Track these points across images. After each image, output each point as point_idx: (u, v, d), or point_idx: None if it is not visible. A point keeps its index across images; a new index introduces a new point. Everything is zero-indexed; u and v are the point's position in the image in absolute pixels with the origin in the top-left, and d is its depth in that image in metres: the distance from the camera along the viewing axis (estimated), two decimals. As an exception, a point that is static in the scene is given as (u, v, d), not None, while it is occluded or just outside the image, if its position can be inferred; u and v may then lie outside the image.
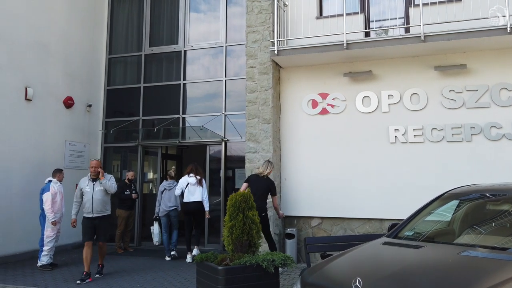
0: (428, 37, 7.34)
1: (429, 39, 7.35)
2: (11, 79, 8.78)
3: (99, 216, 7.11)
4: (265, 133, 8.37)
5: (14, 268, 7.95)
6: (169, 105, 10.86)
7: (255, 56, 8.69)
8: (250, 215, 5.58)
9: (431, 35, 7.32)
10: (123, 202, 9.70)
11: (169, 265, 8.18)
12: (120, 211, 9.71)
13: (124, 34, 11.64)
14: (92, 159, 7.60)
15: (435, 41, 7.33)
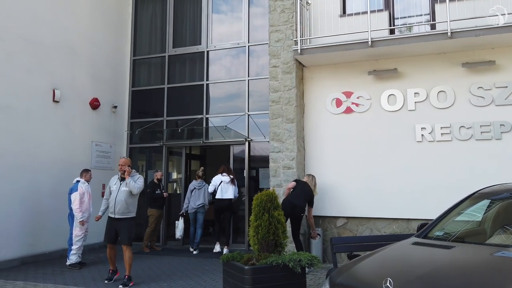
0: (455, 33, 7.20)
1: (456, 36, 7.21)
2: (39, 81, 8.98)
3: (121, 217, 6.74)
4: (289, 132, 8.35)
5: (44, 267, 8.13)
6: (193, 105, 10.94)
7: (278, 56, 8.67)
8: (276, 215, 5.58)
9: (458, 31, 7.17)
10: (155, 202, 9.90)
11: (195, 265, 8.24)
12: (153, 210, 9.89)
13: (148, 36, 11.78)
14: (121, 157, 7.63)
15: (463, 37, 7.19)
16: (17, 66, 8.51)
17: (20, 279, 7.08)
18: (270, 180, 8.34)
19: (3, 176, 8.08)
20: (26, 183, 8.53)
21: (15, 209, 8.28)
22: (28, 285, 6.71)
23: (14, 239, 8.22)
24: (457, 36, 7.19)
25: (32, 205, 8.65)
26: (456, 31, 7.17)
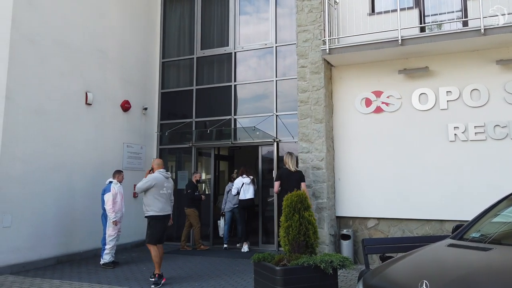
0: (489, 30, 7.02)
1: (490, 32, 7.03)
2: (72, 84, 9.22)
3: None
4: (317, 132, 8.31)
5: (78, 266, 8.34)
6: (221, 106, 11.02)
7: (306, 56, 8.65)
8: (306, 216, 5.57)
9: (492, 27, 6.99)
10: (193, 202, 10.17)
11: (225, 265, 8.30)
12: (191, 210, 10.11)
13: (176, 38, 11.94)
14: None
15: (497, 34, 7.01)
16: (51, 70, 8.76)
17: (56, 278, 7.29)
18: (300, 180, 8.31)
19: (39, 177, 8.33)
20: (60, 184, 8.78)
21: (50, 210, 8.53)
22: (64, 284, 6.89)
23: (49, 238, 8.47)
24: (491, 33, 7.02)
25: (66, 205, 8.89)
26: (489, 28, 7.00)
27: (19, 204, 7.95)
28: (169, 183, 7.19)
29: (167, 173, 7.29)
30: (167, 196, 7.04)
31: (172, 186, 7.30)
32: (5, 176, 7.73)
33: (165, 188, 7.00)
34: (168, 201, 7.06)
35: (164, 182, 7.04)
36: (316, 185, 8.13)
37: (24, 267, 7.88)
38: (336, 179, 8.51)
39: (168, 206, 7.05)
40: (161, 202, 6.91)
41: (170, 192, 7.17)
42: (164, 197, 6.95)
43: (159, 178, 7.01)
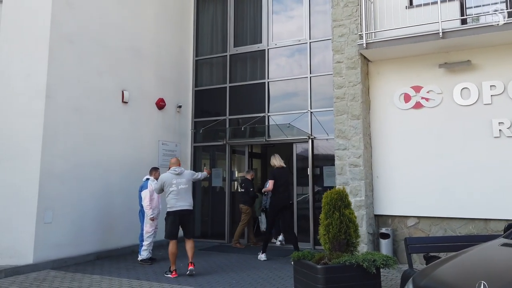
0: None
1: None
2: (109, 83, 9.36)
3: None
4: (354, 129, 8.15)
5: (117, 261, 8.47)
6: (255, 103, 10.97)
7: (342, 51, 8.49)
8: (347, 213, 5.45)
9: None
10: (252, 199, 10.36)
11: (262, 263, 8.25)
12: (247, 207, 10.16)
13: (209, 36, 11.97)
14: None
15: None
16: (89, 69, 8.91)
17: (96, 273, 7.41)
18: (336, 178, 8.18)
19: (78, 174, 8.50)
20: (98, 181, 8.93)
21: (89, 206, 8.69)
22: (104, 279, 6.99)
23: (89, 234, 8.63)
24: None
25: (104, 202, 9.04)
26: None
27: (60, 201, 8.13)
28: (181, 179, 7.29)
29: (176, 169, 7.36)
30: (178, 191, 7.19)
31: (186, 181, 7.34)
32: (46, 173, 7.91)
33: (174, 184, 7.18)
34: (182, 196, 7.20)
35: (173, 179, 7.23)
36: (354, 183, 7.98)
37: (65, 262, 8.05)
38: (374, 177, 8.33)
39: (182, 201, 7.18)
40: (172, 198, 7.17)
41: (184, 187, 7.25)
42: (174, 193, 7.17)
43: (166, 176, 7.32)
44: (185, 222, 7.27)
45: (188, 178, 7.41)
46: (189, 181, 7.42)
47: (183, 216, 7.22)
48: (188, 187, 7.35)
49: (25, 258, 7.59)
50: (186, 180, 7.35)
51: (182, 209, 7.17)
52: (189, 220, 7.35)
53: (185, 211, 7.21)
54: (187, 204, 7.25)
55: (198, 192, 11.47)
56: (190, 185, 7.43)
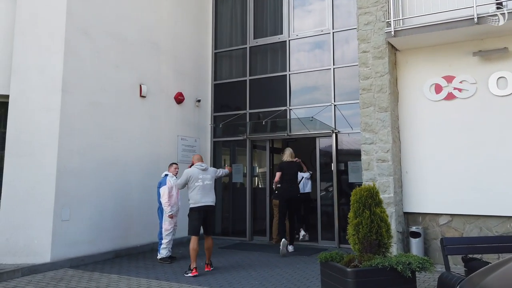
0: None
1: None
2: (126, 77, 9.11)
3: None
4: (382, 122, 7.72)
5: (136, 260, 8.24)
6: (276, 97, 10.62)
7: (368, 40, 8.05)
8: (378, 212, 5.07)
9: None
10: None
11: (285, 262, 7.92)
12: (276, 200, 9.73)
13: (228, 28, 11.64)
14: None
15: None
16: (106, 63, 8.68)
17: (114, 272, 7.19)
18: (363, 174, 7.77)
19: (95, 170, 8.29)
20: (116, 177, 8.70)
21: (107, 203, 8.48)
22: (122, 279, 6.77)
23: (107, 232, 8.43)
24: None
25: (122, 199, 8.81)
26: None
27: (77, 198, 7.93)
28: (207, 175, 7.24)
29: (202, 165, 7.33)
30: (204, 187, 7.12)
31: (211, 177, 7.31)
32: (63, 169, 7.71)
33: (200, 179, 7.12)
34: (206, 192, 7.14)
35: (199, 174, 7.16)
36: (382, 179, 7.56)
37: (82, 261, 7.86)
38: (403, 172, 7.90)
39: (206, 197, 7.13)
40: (197, 194, 7.08)
41: (209, 182, 7.22)
42: (200, 188, 7.09)
43: (192, 171, 7.23)
44: (208, 219, 7.20)
45: (212, 175, 7.37)
46: (213, 178, 7.37)
47: (207, 212, 7.14)
48: (212, 183, 7.30)
49: (42, 256, 7.42)
50: (211, 177, 7.31)
51: (206, 205, 7.10)
52: (211, 216, 7.31)
53: (209, 207, 7.15)
54: (211, 200, 7.19)
55: (219, 189, 11.17)
56: (213, 182, 7.36)
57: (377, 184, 7.56)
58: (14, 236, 7.41)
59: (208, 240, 7.19)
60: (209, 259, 7.29)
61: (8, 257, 7.35)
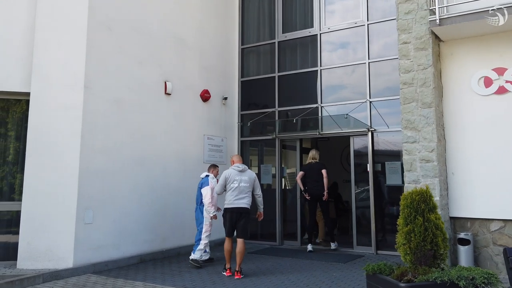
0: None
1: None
2: (150, 73, 8.72)
3: None
4: (426, 119, 7.10)
5: (162, 265, 7.81)
6: (306, 94, 10.08)
7: (409, 30, 7.44)
8: (433, 219, 4.51)
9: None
10: None
11: (319, 269, 7.38)
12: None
13: (255, 22, 11.15)
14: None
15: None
16: (129, 58, 8.30)
17: (139, 279, 6.77)
18: (405, 175, 7.17)
19: (119, 171, 7.90)
20: (140, 177, 8.30)
21: (131, 204, 8.09)
22: (147, 287, 6.34)
23: (131, 235, 8.04)
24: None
25: (147, 201, 8.41)
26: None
27: (100, 199, 7.56)
28: (244, 176, 7.04)
29: (240, 166, 7.15)
30: (239, 188, 6.94)
31: (248, 180, 7.06)
32: (86, 170, 7.35)
33: (236, 181, 6.96)
34: (241, 194, 6.94)
35: (236, 176, 7.01)
36: (426, 180, 6.95)
37: (106, 266, 7.49)
38: (448, 173, 7.26)
39: (240, 199, 6.92)
40: (231, 195, 6.95)
41: (245, 185, 6.98)
42: (235, 189, 6.94)
43: (229, 172, 7.10)
44: (240, 221, 6.93)
45: (250, 177, 7.10)
46: (251, 181, 7.08)
47: (240, 214, 6.92)
48: (249, 186, 7.03)
49: (64, 261, 7.06)
50: (248, 179, 7.06)
51: (239, 207, 6.91)
52: (244, 219, 6.96)
53: (242, 209, 6.93)
54: (245, 202, 6.95)
55: (246, 190, 10.70)
56: (251, 185, 7.07)
57: (420, 186, 6.94)
58: (35, 240, 7.07)
59: (239, 243, 6.84)
60: (240, 265, 6.88)
61: (29, 261, 7.02)
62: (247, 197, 6.98)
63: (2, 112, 7.70)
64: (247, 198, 6.97)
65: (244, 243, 6.88)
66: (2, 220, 7.56)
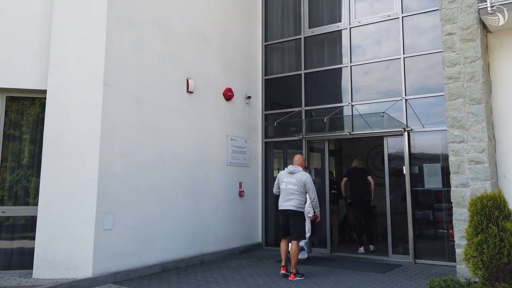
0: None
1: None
2: (172, 70, 8.22)
3: None
4: (474, 116, 6.50)
5: (185, 274, 7.26)
6: (335, 92, 9.53)
7: (454, 20, 6.86)
8: (509, 227, 3.89)
9: None
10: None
11: (357, 279, 6.78)
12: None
13: (280, 17, 10.62)
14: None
15: None
16: (150, 55, 7.81)
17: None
18: (452, 178, 6.56)
19: (140, 173, 7.40)
20: (162, 181, 7.78)
21: (153, 209, 7.58)
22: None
23: (153, 242, 7.52)
24: None
25: (168, 205, 7.89)
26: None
27: (120, 204, 7.06)
28: (291, 178, 7.00)
29: (289, 168, 7.17)
30: (285, 190, 6.98)
31: (296, 182, 6.95)
32: (105, 172, 6.85)
33: (284, 183, 7.01)
34: (288, 196, 6.94)
35: (284, 177, 7.07)
36: (476, 184, 6.33)
37: (127, 275, 6.97)
38: (500, 176, 6.64)
39: (286, 201, 6.95)
40: (280, 197, 7.09)
41: (293, 187, 6.93)
42: (283, 191, 7.04)
43: (280, 174, 7.26)
44: (290, 223, 6.95)
45: (298, 180, 6.94)
46: (299, 183, 6.93)
47: (286, 216, 6.96)
48: (297, 188, 6.91)
49: (83, 270, 6.56)
50: (296, 181, 6.95)
51: (285, 209, 6.96)
52: (293, 220, 6.92)
53: (289, 211, 6.91)
54: (291, 204, 6.89)
55: (271, 194, 10.12)
56: (300, 187, 6.92)
57: (469, 190, 6.35)
58: (52, 247, 6.58)
59: (292, 245, 6.89)
60: (294, 267, 6.81)
61: (46, 270, 6.53)
62: (294, 199, 6.88)
63: (17, 114, 7.24)
64: (294, 200, 6.88)
65: (296, 244, 6.82)
66: (17, 225, 7.09)
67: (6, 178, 7.04)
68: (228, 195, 9.15)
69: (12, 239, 6.97)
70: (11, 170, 7.09)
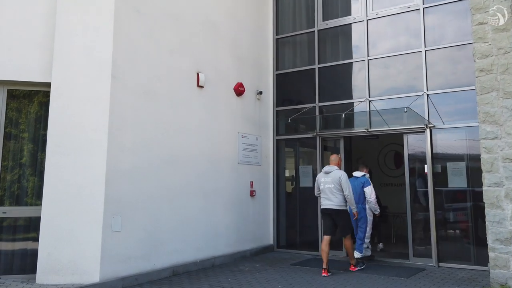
0: None
1: None
2: (182, 63, 7.79)
3: None
4: (509, 111, 6.09)
5: (198, 280, 6.82)
6: (351, 87, 9.13)
7: (485, 8, 6.44)
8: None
9: None
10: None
11: (381, 284, 6.36)
12: None
13: (292, 9, 10.19)
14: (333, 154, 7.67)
15: None
16: (159, 45, 7.37)
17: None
18: (484, 177, 6.15)
19: (149, 171, 6.96)
20: (172, 180, 7.35)
21: (163, 209, 7.15)
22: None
23: (163, 245, 7.09)
24: None
25: (179, 205, 7.46)
26: None
27: (129, 204, 6.62)
28: (327, 178, 7.21)
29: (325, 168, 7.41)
30: (324, 190, 7.20)
31: (332, 181, 7.13)
32: (113, 170, 6.41)
33: (322, 183, 7.25)
34: (327, 196, 7.14)
35: (321, 178, 7.32)
36: (511, 183, 5.93)
37: (136, 280, 6.53)
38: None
39: (327, 200, 7.15)
40: (321, 197, 7.32)
41: (330, 186, 7.13)
42: (322, 191, 7.25)
43: (318, 175, 7.52)
44: (335, 221, 7.18)
45: (333, 178, 7.13)
46: (334, 181, 7.12)
47: (328, 215, 7.19)
48: (334, 187, 7.09)
49: (90, 275, 6.11)
50: (331, 180, 7.15)
51: (326, 208, 7.18)
52: (337, 218, 7.15)
53: (330, 210, 7.13)
54: (331, 203, 7.10)
55: (282, 194, 9.74)
56: (337, 185, 7.08)
57: (504, 190, 5.95)
58: (57, 250, 6.13)
59: (344, 241, 7.32)
60: (352, 258, 7.36)
61: (50, 275, 6.08)
62: (334, 197, 7.08)
63: (17, 112, 6.78)
64: (333, 198, 7.08)
65: (348, 239, 7.22)
66: (19, 226, 6.64)
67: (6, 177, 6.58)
68: (239, 195, 8.73)
69: (13, 242, 6.52)
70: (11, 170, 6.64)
